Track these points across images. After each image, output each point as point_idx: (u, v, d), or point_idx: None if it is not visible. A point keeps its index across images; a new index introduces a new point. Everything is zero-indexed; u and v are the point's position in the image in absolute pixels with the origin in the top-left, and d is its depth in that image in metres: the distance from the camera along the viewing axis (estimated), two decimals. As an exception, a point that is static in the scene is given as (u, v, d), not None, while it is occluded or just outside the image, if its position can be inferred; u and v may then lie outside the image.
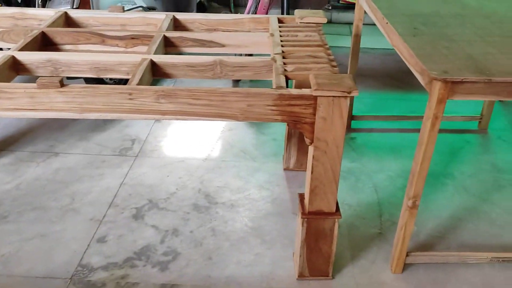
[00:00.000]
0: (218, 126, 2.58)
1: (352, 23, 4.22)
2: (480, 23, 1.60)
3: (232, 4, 4.40)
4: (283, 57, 1.50)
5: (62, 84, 1.24)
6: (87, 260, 1.67)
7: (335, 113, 1.26)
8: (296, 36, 1.70)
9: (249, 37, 1.71)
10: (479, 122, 2.52)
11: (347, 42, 3.87)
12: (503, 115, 2.70)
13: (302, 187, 2.11)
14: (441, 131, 2.18)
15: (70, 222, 1.84)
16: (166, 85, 2.90)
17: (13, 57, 1.43)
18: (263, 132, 2.56)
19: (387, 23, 1.61)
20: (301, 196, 1.54)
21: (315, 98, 1.25)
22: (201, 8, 3.59)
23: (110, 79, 2.60)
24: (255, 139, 2.49)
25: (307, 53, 1.53)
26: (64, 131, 2.46)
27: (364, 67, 3.38)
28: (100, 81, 2.36)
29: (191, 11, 3.46)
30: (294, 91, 1.27)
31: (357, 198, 2.02)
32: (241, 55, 2.67)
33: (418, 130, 1.38)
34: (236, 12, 4.39)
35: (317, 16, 1.81)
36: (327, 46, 1.58)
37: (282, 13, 3.38)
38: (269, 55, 1.62)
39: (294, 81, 1.53)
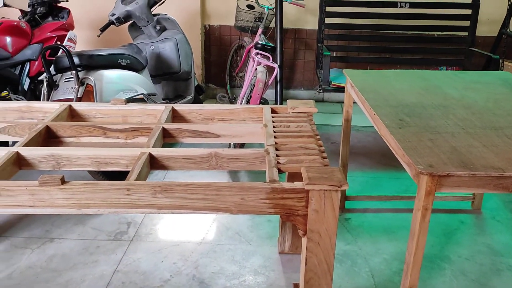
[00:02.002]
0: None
1: (343, 102, 4.43)
2: (462, 115, 1.70)
3: (229, 85, 4.61)
4: (276, 149, 1.57)
5: (63, 182, 1.29)
6: None
7: (327, 205, 1.30)
8: (289, 126, 1.78)
9: (244, 128, 1.79)
10: (472, 202, 2.56)
11: (339, 120, 4.02)
12: (496, 194, 2.75)
13: (298, 272, 2.09)
14: (434, 211, 2.21)
15: (61, 314, 1.80)
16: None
17: (17, 153, 1.49)
18: (258, 213, 2.58)
19: (374, 114, 1.70)
20: (296, 286, 1.53)
21: (307, 191, 1.29)
22: (199, 91, 3.75)
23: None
24: (250, 221, 2.50)
25: (299, 144, 1.60)
26: (61, 215, 2.47)
27: (357, 145, 3.48)
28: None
29: (190, 94, 3.62)
30: (286, 184, 1.31)
31: (354, 284, 2.00)
32: (235, 144, 2.78)
33: (411, 210, 1.40)
34: (232, 93, 4.58)
35: (308, 106, 1.92)
36: (318, 137, 1.66)
37: (276, 96, 3.54)
38: (263, 144, 1.69)
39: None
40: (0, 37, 2.98)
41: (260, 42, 3.21)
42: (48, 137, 1.72)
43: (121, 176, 2.50)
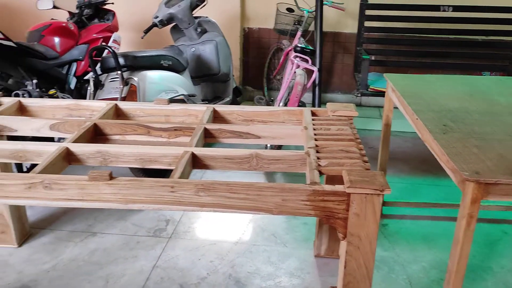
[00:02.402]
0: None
1: (381, 107, 4.36)
2: (509, 121, 1.65)
3: (266, 88, 4.64)
4: (317, 151, 1.58)
5: (111, 177, 1.34)
6: None
7: (368, 209, 1.29)
8: (329, 129, 1.78)
9: (284, 129, 1.81)
10: (516, 212, 2.47)
11: (377, 125, 3.96)
12: (542, 204, 2.64)
13: (334, 276, 2.08)
14: (477, 220, 2.14)
15: (103, 306, 1.86)
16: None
17: (67, 149, 1.56)
18: (294, 216, 2.58)
19: (417, 119, 1.68)
20: (334, 290, 1.53)
21: (348, 194, 1.29)
22: (237, 93, 3.79)
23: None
24: (286, 223, 2.51)
25: (340, 147, 1.60)
26: (103, 211, 2.55)
27: (395, 151, 3.42)
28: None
29: (228, 96, 3.67)
30: (327, 187, 1.32)
31: (392, 291, 1.97)
32: (271, 146, 2.79)
33: (452, 219, 1.38)
34: (269, 95, 4.60)
35: (349, 110, 1.91)
36: (358, 141, 1.65)
37: (314, 99, 3.53)
38: (301, 147, 1.70)
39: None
40: (49, 38, 3.12)
41: (299, 45, 3.21)
42: (95, 135, 1.79)
43: (158, 174, 2.56)
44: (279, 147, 2.87)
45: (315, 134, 1.72)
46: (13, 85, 2.66)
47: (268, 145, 2.88)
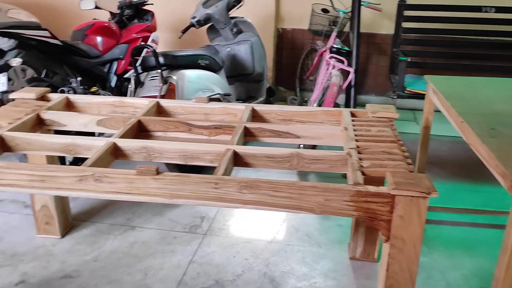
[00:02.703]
0: (284, 209, 2.63)
1: (416, 109, 4.28)
2: (560, 126, 1.60)
3: (298, 88, 4.63)
4: (358, 152, 1.57)
5: (158, 172, 1.38)
6: None
7: (413, 212, 1.28)
8: (369, 130, 1.77)
9: (324, 130, 1.81)
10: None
11: (412, 128, 3.89)
12: None
13: (370, 279, 2.06)
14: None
15: (142, 298, 1.91)
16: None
17: (115, 144, 1.61)
18: (327, 217, 2.57)
19: (462, 121, 1.65)
20: (373, 292, 1.52)
21: (392, 196, 1.28)
22: (270, 93, 3.81)
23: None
24: (320, 224, 2.51)
25: (382, 149, 1.59)
26: (141, 206, 2.62)
27: (431, 154, 3.35)
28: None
29: (261, 96, 3.69)
30: (371, 188, 1.31)
31: (430, 296, 1.94)
32: (304, 146, 2.77)
33: (493, 226, 1.35)
34: (301, 96, 4.60)
35: (389, 111, 1.89)
36: (400, 142, 1.64)
37: (348, 101, 3.51)
38: (337, 147, 1.70)
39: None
40: (92, 37, 3.22)
41: (335, 45, 3.20)
42: (139, 131, 1.84)
43: (193, 171, 2.60)
44: (314, 147, 2.86)
45: (355, 135, 1.72)
46: (58, 82, 2.76)
47: (302, 145, 2.88)
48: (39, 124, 1.87)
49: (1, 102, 2.47)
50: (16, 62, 2.46)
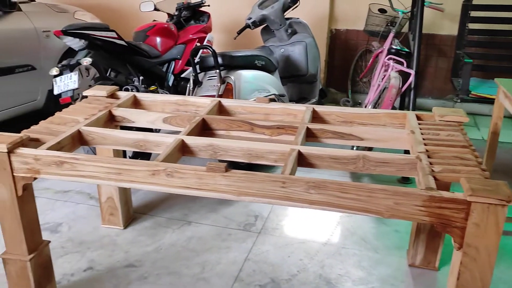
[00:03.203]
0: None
1: (476, 114, 4.12)
2: None
3: (350, 90, 4.58)
4: (428, 156, 1.54)
5: (226, 169, 1.41)
6: (216, 333, 1.74)
7: (490, 220, 1.24)
8: (438, 134, 1.73)
9: (389, 132, 1.78)
10: None
11: (473, 134, 3.75)
12: None
13: (430, 287, 2.01)
14: None
15: (201, 292, 1.96)
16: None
17: (183, 141, 1.66)
18: (384, 222, 2.53)
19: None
20: (439, 300, 1.48)
21: (468, 203, 1.25)
22: (322, 95, 3.79)
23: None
24: (376, 229, 2.47)
25: (453, 153, 1.55)
26: (196, 202, 2.68)
27: (496, 162, 3.21)
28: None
29: (314, 97, 3.68)
30: (445, 194, 1.28)
31: (495, 308, 1.87)
32: (358, 147, 2.72)
33: None
34: (353, 98, 4.54)
35: (458, 115, 1.83)
36: (473, 148, 1.58)
37: (403, 103, 3.43)
38: (395, 151, 1.66)
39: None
40: (153, 38, 3.33)
41: (394, 47, 3.14)
42: (203, 129, 1.89)
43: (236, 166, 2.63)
44: (370, 149, 2.82)
45: (423, 139, 1.68)
46: (122, 81, 2.88)
47: (355, 147, 2.83)
48: (110, 120, 1.96)
49: (71, 98, 2.61)
50: (86, 61, 2.59)
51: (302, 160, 1.63)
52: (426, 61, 4.35)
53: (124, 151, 2.73)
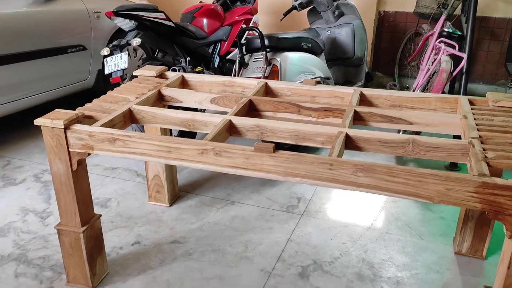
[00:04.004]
0: (381, 196, 2.58)
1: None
2: None
3: (397, 74, 4.45)
4: (481, 142, 1.49)
5: (274, 150, 1.42)
6: (258, 309, 1.79)
7: (547, 209, 1.19)
8: (492, 120, 1.66)
9: (439, 117, 1.73)
10: None
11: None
12: None
13: (477, 276, 1.96)
14: None
15: (244, 269, 2.00)
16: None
17: (230, 121, 1.69)
18: (430, 208, 2.48)
19: None
20: (488, 289, 1.45)
21: (524, 191, 1.20)
22: (368, 78, 3.71)
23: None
24: (421, 215, 2.42)
25: (508, 140, 1.49)
26: (239, 182, 2.73)
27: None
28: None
29: (359, 81, 3.61)
30: (499, 180, 1.24)
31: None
32: (405, 131, 2.64)
33: None
34: (400, 82, 4.42)
35: (515, 101, 1.75)
36: (530, 135, 1.51)
37: (452, 88, 3.31)
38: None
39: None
40: (200, 19, 3.36)
41: (446, 29, 3.02)
42: (250, 110, 1.90)
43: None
44: (418, 133, 2.75)
45: (476, 124, 1.62)
46: (169, 62, 2.94)
47: (401, 131, 2.76)
48: (159, 100, 2.02)
49: (121, 78, 2.69)
50: (136, 42, 2.66)
51: (350, 143, 1.62)
52: (478, 45, 4.15)
53: (170, 131, 2.80)
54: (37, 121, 1.61)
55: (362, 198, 2.57)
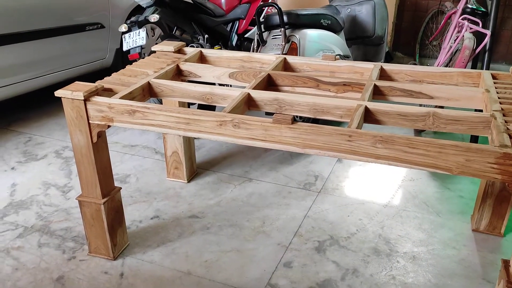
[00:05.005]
0: (398, 175, 2.56)
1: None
2: None
3: (418, 54, 4.37)
4: (503, 115, 1.46)
5: (292, 122, 1.42)
6: (275, 281, 1.81)
7: None
8: (515, 94, 1.63)
9: (461, 91, 1.70)
10: None
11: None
12: None
13: (494, 252, 1.95)
14: None
15: (261, 243, 2.02)
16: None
17: (249, 94, 1.69)
18: (448, 187, 2.46)
19: None
20: (506, 263, 1.44)
21: (547, 162, 1.18)
22: (388, 58, 3.65)
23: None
24: (439, 193, 2.40)
25: (531, 113, 1.46)
26: (257, 160, 2.74)
27: None
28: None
29: (379, 60, 3.56)
30: (522, 152, 1.22)
31: None
32: (426, 106, 2.61)
33: None
34: (421, 62, 4.34)
35: (540, 75, 1.71)
36: (555, 108, 1.48)
37: (474, 67, 3.24)
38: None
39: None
40: (217, -4, 3.34)
41: (470, 6, 2.94)
42: (268, 84, 1.90)
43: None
44: (441, 107, 2.70)
45: (498, 98, 1.59)
46: (187, 39, 2.94)
47: (423, 105, 2.72)
48: (177, 74, 2.02)
49: (139, 55, 2.71)
50: (154, 18, 2.66)
51: (369, 116, 1.60)
52: (502, 24, 4.04)
53: (189, 105, 2.82)
54: (58, 93, 1.64)
55: (379, 176, 2.56)
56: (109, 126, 1.68)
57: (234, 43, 3.34)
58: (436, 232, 2.10)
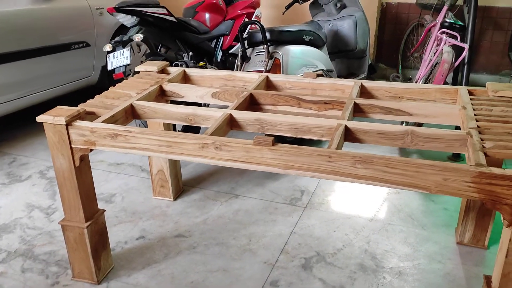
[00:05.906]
0: (384, 188, 2.59)
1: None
2: None
3: (400, 66, 4.44)
4: (479, 132, 1.49)
5: (273, 143, 1.44)
6: (261, 301, 1.81)
7: (544, 198, 1.19)
8: (491, 110, 1.66)
9: (439, 108, 1.73)
10: None
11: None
12: None
13: (478, 265, 1.97)
14: None
15: (247, 262, 2.02)
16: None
17: (231, 115, 1.70)
18: (432, 199, 2.49)
19: None
20: (487, 279, 1.46)
21: (521, 180, 1.21)
22: (371, 70, 3.71)
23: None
24: (424, 206, 2.43)
25: (506, 130, 1.49)
26: (243, 176, 2.75)
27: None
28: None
29: (363, 73, 3.61)
30: (496, 170, 1.25)
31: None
32: (408, 123, 2.64)
33: None
34: (403, 73, 4.41)
35: (514, 91, 1.75)
36: (529, 124, 1.52)
37: (455, 79, 3.30)
38: (451, 128, 1.62)
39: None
40: (202, 14, 3.37)
41: (448, 20, 3.00)
42: (250, 103, 1.92)
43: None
44: (420, 125, 2.75)
45: (475, 115, 1.63)
46: (171, 57, 2.95)
47: (404, 123, 2.76)
48: (161, 95, 2.03)
49: (124, 74, 2.71)
50: (138, 37, 2.68)
51: (349, 135, 1.63)
52: (481, 35, 4.13)
53: (174, 126, 2.82)
54: (39, 118, 1.64)
55: (365, 191, 2.58)
56: (91, 150, 1.68)
57: (219, 59, 3.37)
58: (421, 246, 2.12)
